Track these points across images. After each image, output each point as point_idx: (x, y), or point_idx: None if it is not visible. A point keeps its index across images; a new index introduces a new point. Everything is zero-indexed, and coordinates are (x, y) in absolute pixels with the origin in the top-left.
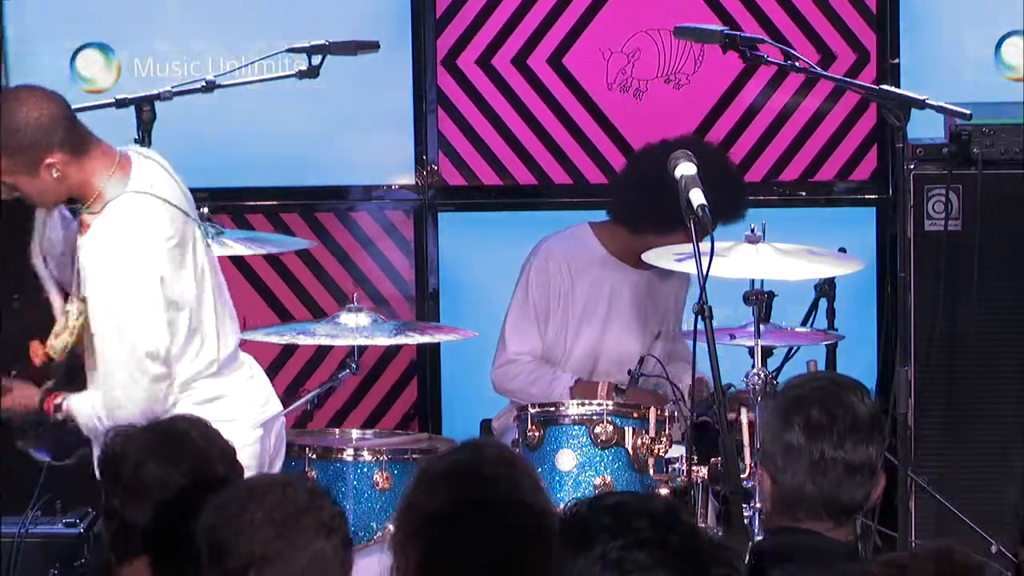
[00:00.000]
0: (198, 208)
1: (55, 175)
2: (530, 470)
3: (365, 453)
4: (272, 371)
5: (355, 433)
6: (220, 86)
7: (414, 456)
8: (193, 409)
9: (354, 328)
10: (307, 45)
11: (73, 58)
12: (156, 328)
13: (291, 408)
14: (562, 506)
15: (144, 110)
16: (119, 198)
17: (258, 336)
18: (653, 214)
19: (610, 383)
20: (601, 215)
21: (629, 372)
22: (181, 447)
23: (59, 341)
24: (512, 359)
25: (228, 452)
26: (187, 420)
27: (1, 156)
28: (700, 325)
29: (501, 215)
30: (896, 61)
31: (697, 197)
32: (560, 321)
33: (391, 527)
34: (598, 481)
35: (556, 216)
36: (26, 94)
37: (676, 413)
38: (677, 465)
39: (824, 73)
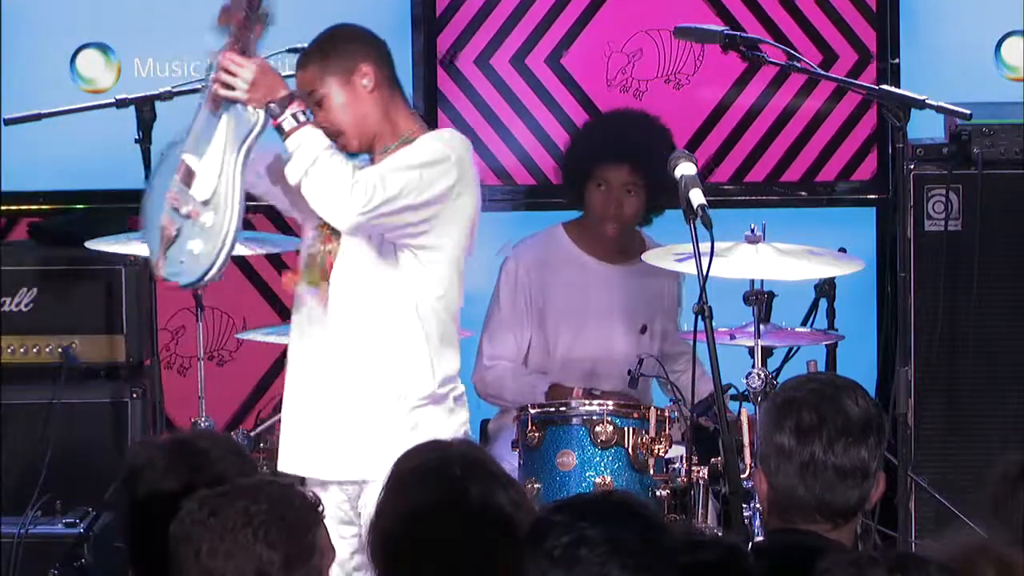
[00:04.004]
0: None
1: (366, 84)
2: (499, 468)
3: None
4: (275, 372)
5: None
6: None
7: None
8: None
9: None
10: (307, 45)
11: (73, 58)
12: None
13: None
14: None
15: (144, 110)
16: (430, 132)
17: (258, 336)
18: (565, 184)
19: (584, 388)
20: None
21: (629, 372)
22: (198, 464)
23: (308, 275)
24: (487, 366)
25: (248, 470)
26: (208, 438)
27: (317, 63)
28: (700, 325)
29: (502, 215)
30: (896, 61)
31: (697, 197)
32: (538, 325)
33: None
34: (598, 481)
35: (557, 216)
36: (343, 24)
37: (676, 413)
38: (677, 465)
39: (824, 73)
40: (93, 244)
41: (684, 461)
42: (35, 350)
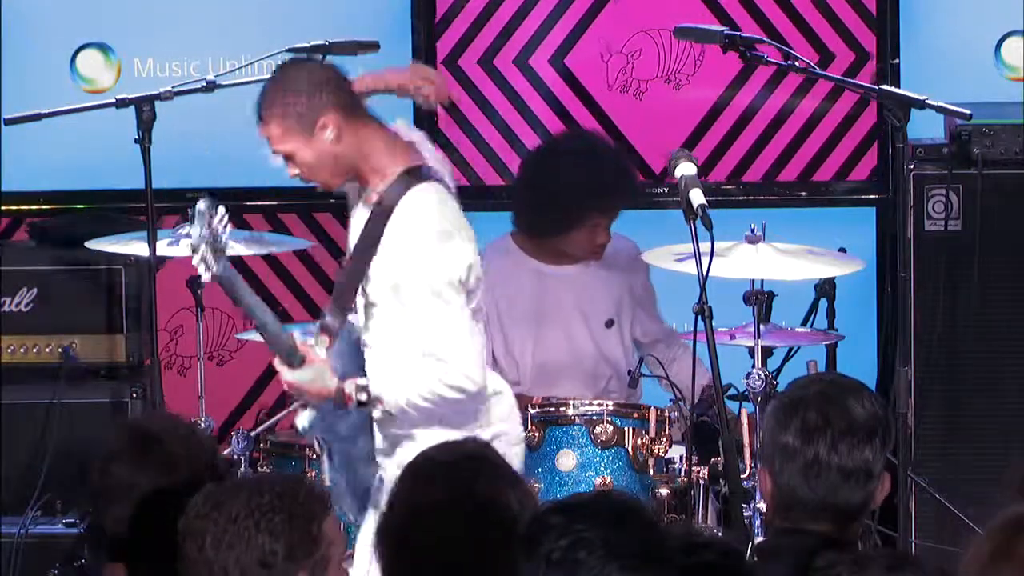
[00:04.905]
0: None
1: (330, 136)
2: (510, 469)
3: None
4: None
5: None
6: (220, 86)
7: None
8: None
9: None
10: (307, 45)
11: (73, 58)
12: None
13: (290, 408)
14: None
15: (144, 110)
16: (411, 192)
17: (258, 336)
18: (544, 220)
19: (543, 398)
20: None
21: (629, 372)
22: (149, 449)
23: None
24: None
25: (205, 455)
26: (164, 420)
27: (276, 122)
28: (700, 325)
29: (503, 215)
30: (896, 61)
31: (697, 197)
32: (501, 338)
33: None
34: (598, 481)
35: None
36: (293, 63)
37: (676, 413)
38: (677, 465)
39: (824, 73)
40: (93, 244)
41: (684, 461)
42: (35, 350)
